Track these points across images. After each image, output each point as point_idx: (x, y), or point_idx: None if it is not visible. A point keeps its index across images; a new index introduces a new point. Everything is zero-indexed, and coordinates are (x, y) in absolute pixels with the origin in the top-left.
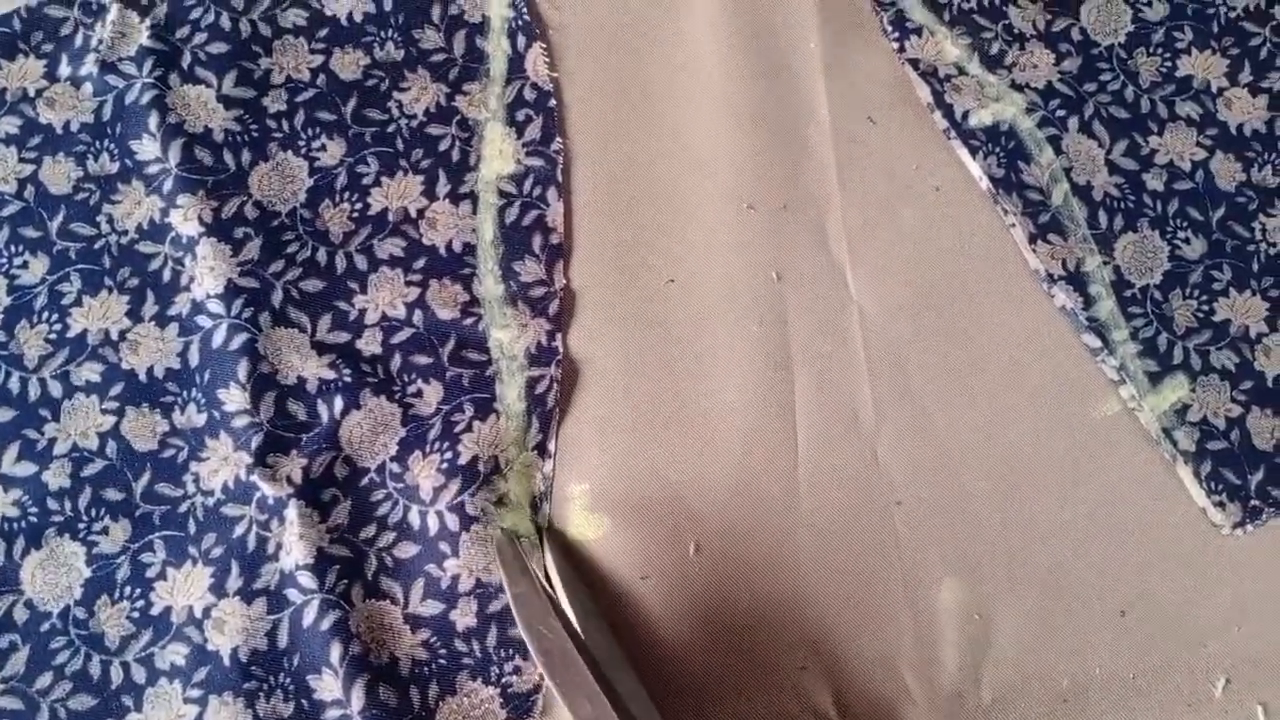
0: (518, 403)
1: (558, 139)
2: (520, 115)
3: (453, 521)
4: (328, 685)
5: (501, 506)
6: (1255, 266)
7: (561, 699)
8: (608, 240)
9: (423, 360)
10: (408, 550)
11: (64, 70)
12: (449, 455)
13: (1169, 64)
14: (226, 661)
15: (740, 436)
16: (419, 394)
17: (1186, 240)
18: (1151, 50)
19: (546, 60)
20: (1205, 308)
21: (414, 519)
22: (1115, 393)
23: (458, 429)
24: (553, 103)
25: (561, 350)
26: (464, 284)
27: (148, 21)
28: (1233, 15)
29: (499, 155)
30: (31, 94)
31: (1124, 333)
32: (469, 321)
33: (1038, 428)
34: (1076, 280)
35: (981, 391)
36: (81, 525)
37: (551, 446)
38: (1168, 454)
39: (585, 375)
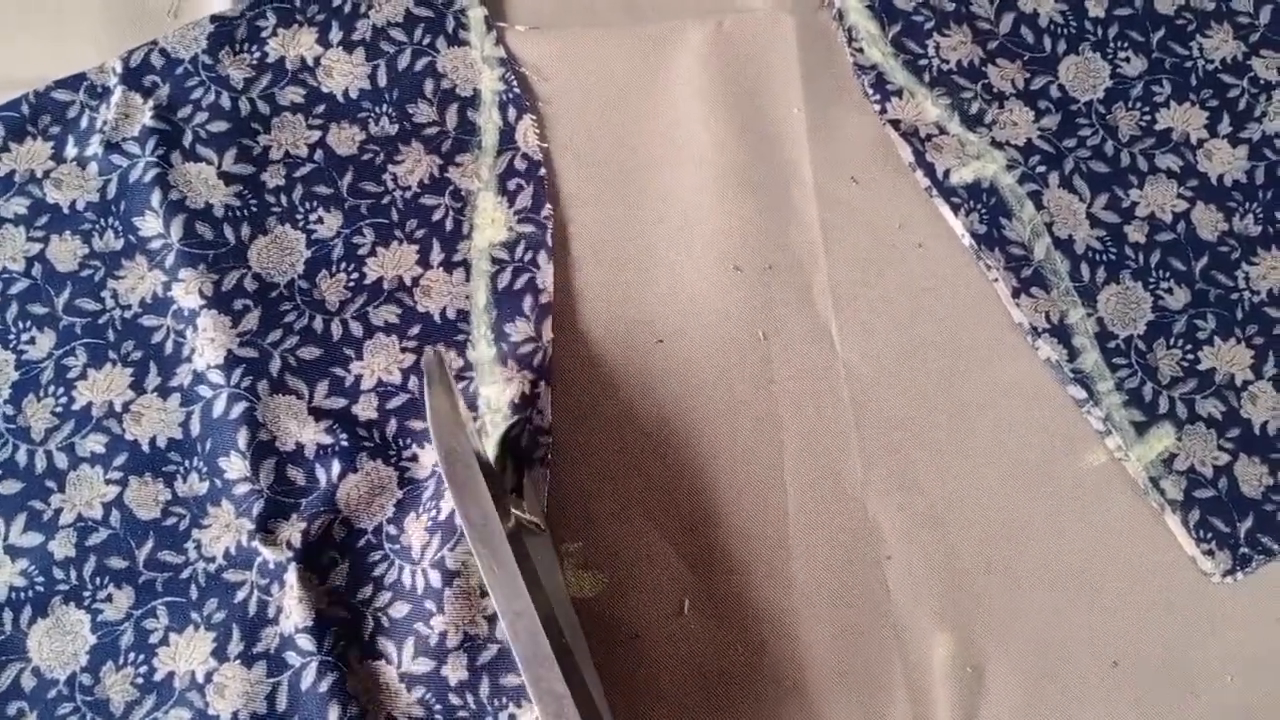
0: (496, 450)
1: (548, 206)
2: (511, 184)
3: (435, 578)
4: None
5: None
6: (1239, 315)
7: (455, 502)
8: (597, 303)
9: (418, 425)
10: (400, 609)
11: (70, 151)
12: (434, 513)
13: (1148, 117)
14: None
15: (729, 494)
16: (414, 458)
17: (1169, 290)
18: (1130, 104)
19: (536, 131)
20: (1190, 357)
21: (406, 578)
22: (1102, 443)
23: (444, 486)
24: (543, 171)
25: (546, 399)
26: (458, 350)
27: (150, 102)
28: (1210, 67)
29: (491, 224)
30: (39, 175)
31: (1109, 384)
32: (461, 385)
33: (1025, 480)
34: (1060, 333)
35: (969, 444)
36: (86, 593)
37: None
38: (1155, 503)
39: (575, 437)
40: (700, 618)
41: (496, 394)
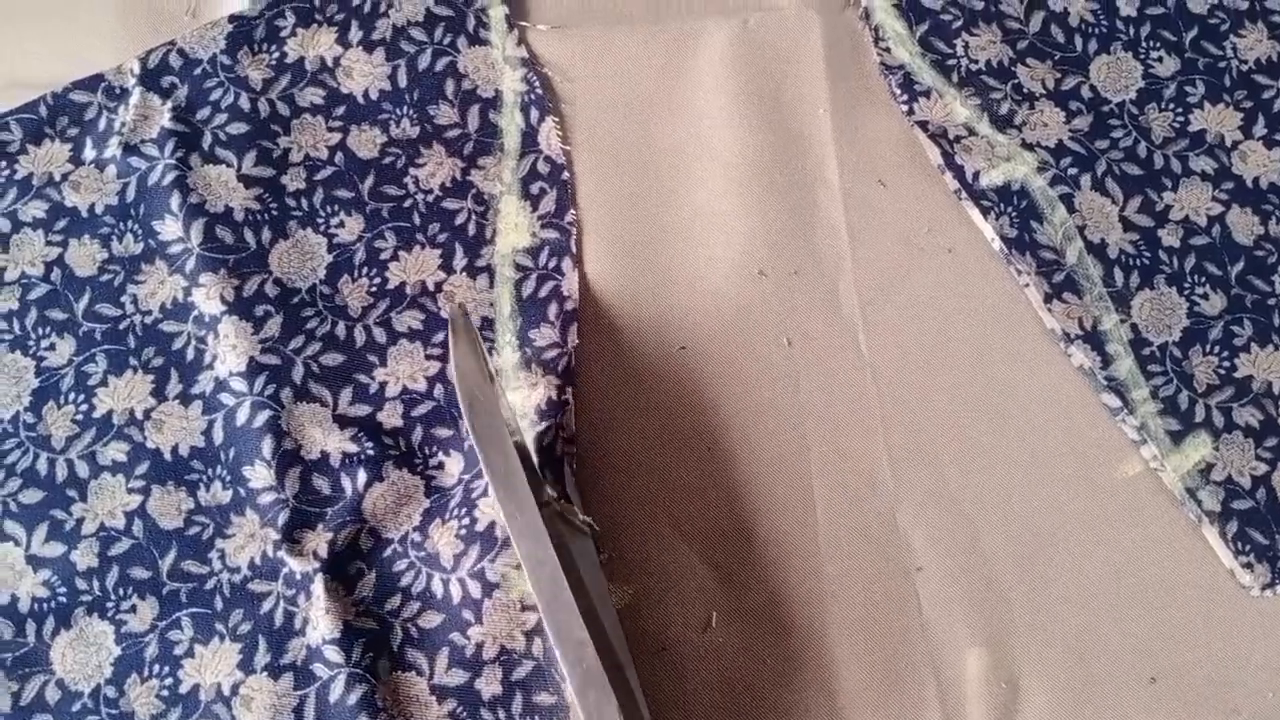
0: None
1: (571, 210)
2: (535, 188)
3: (475, 589)
4: None
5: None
6: (1277, 321)
7: (477, 450)
8: (620, 308)
9: (443, 433)
10: (432, 620)
11: (89, 153)
12: (466, 521)
13: (1181, 119)
14: None
15: (756, 503)
16: (440, 466)
17: (1205, 296)
18: (1163, 105)
19: (559, 134)
20: (1226, 364)
21: (437, 587)
22: (1137, 453)
23: (475, 494)
24: (566, 175)
25: (572, 403)
26: None
27: (169, 104)
28: (1244, 68)
29: (514, 229)
30: (57, 178)
31: (1144, 392)
32: None
33: (1059, 490)
34: (1094, 339)
35: (1000, 454)
36: (110, 604)
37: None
38: (1193, 514)
39: (598, 445)
40: (728, 631)
41: (521, 399)
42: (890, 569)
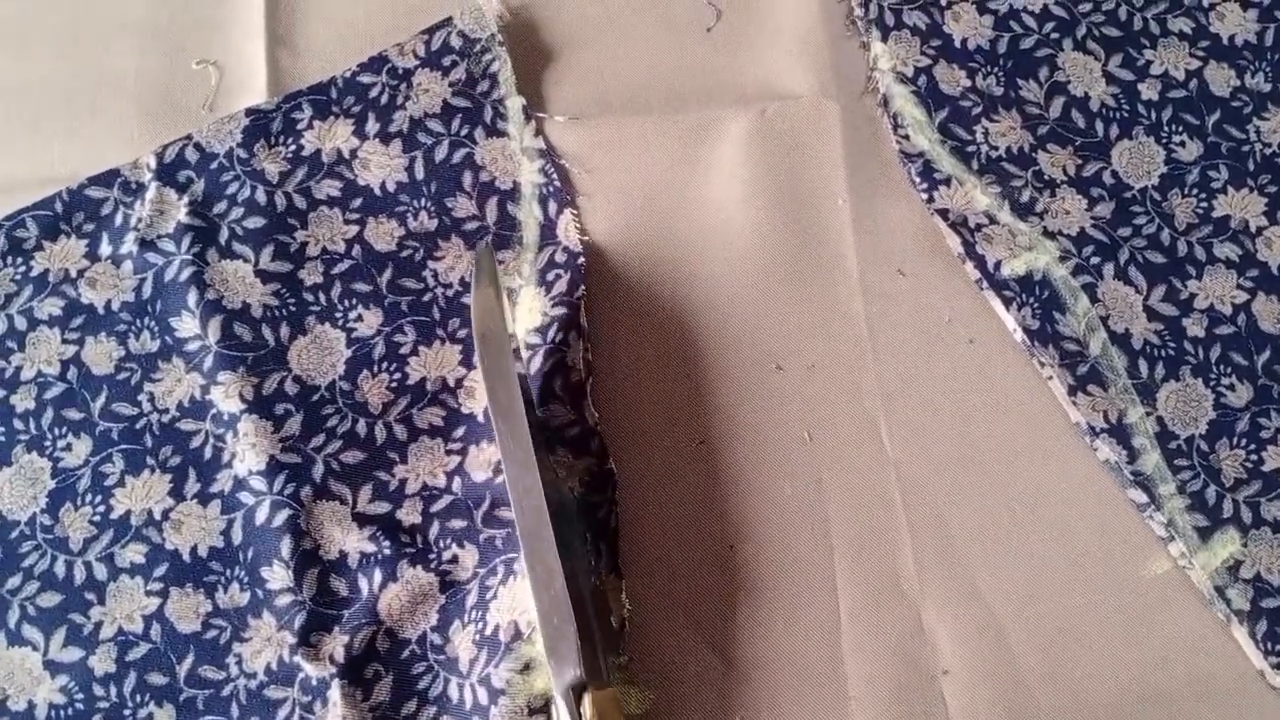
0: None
1: (581, 286)
2: (551, 275)
3: (483, 695)
4: None
5: (528, 673)
6: None
7: (483, 380)
8: (636, 401)
9: (458, 524)
10: None
11: (105, 249)
12: (481, 625)
13: (1205, 204)
14: None
15: (779, 602)
16: (455, 560)
17: (1231, 387)
18: (1186, 191)
19: (578, 225)
20: (1254, 457)
21: (453, 692)
22: (1165, 550)
23: (488, 595)
24: (581, 260)
25: (616, 474)
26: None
27: (185, 198)
28: (1268, 152)
29: (528, 313)
30: (73, 274)
31: (1171, 487)
32: (500, 479)
33: (1086, 589)
34: (1119, 433)
35: (1026, 552)
36: (127, 712)
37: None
38: (1221, 613)
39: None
40: None
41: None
42: (916, 671)
